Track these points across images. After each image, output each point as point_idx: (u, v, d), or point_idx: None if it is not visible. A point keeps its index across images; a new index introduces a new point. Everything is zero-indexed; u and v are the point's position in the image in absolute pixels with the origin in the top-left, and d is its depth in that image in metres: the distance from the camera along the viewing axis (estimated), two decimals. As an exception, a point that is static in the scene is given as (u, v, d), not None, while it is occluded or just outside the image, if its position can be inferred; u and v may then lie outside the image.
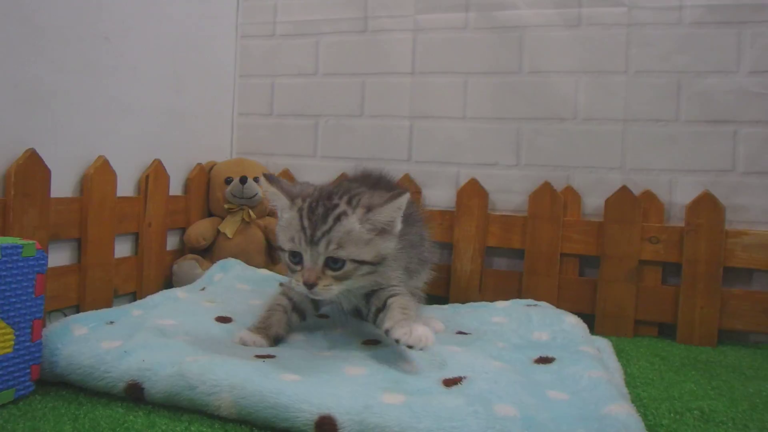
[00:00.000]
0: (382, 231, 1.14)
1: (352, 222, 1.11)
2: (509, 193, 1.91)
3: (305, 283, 1.09)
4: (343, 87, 2.07)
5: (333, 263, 1.10)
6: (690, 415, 1.14)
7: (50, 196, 1.36)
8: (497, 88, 1.92)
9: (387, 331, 1.10)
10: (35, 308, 1.02)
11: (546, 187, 1.83)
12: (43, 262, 1.03)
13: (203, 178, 1.94)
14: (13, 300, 0.98)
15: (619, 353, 1.53)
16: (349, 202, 1.13)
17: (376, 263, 1.14)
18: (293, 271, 1.14)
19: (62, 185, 1.43)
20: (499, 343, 1.31)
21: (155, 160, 1.71)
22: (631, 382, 1.32)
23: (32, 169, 1.32)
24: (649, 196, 1.79)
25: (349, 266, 1.11)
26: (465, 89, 1.96)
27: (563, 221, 1.82)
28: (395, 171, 1.97)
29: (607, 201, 1.79)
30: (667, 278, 1.79)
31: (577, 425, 0.90)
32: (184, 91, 1.87)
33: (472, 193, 1.88)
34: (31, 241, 1.02)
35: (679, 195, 1.79)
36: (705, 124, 1.78)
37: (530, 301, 1.64)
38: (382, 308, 1.19)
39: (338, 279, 1.11)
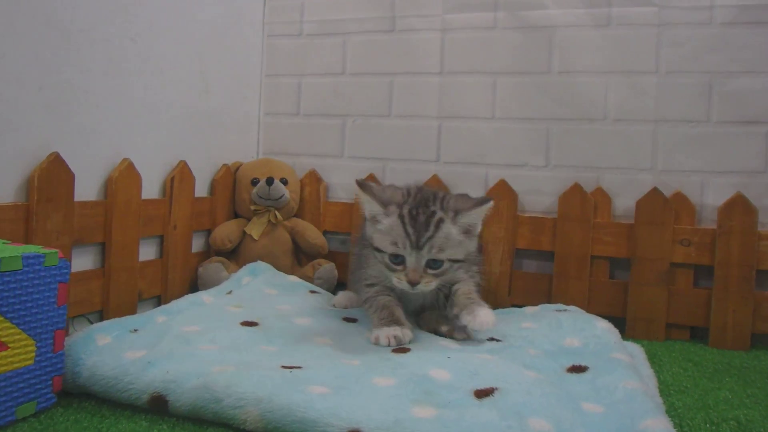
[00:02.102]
0: (467, 231, 1.26)
1: (449, 227, 1.22)
2: (539, 194, 1.82)
3: (410, 282, 1.21)
4: (371, 87, 2.00)
5: (433, 264, 1.22)
6: (726, 426, 1.06)
7: (74, 200, 1.31)
8: (526, 88, 1.84)
9: (456, 317, 1.29)
10: (57, 318, 0.96)
11: (576, 189, 1.74)
12: (65, 271, 0.97)
13: (229, 179, 1.88)
14: (35, 311, 0.92)
15: (651, 358, 1.45)
16: (443, 208, 1.24)
17: (464, 260, 1.29)
18: (393, 270, 1.24)
19: (86, 189, 1.37)
20: (531, 350, 1.24)
21: (181, 161, 1.65)
22: (664, 390, 1.24)
23: (56, 173, 1.26)
24: (680, 198, 1.70)
25: (445, 265, 1.23)
26: (494, 89, 1.87)
27: (593, 223, 1.73)
28: (423, 171, 1.91)
29: (638, 203, 1.70)
30: (699, 281, 1.69)
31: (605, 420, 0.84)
32: (210, 92, 1.81)
33: (502, 194, 1.80)
34: (53, 250, 0.96)
35: (710, 196, 1.70)
36: (736, 124, 1.68)
37: (560, 305, 1.56)
38: (449, 294, 1.34)
39: (436, 276, 1.23)
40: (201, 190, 1.78)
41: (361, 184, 1.26)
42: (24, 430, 0.89)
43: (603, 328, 1.36)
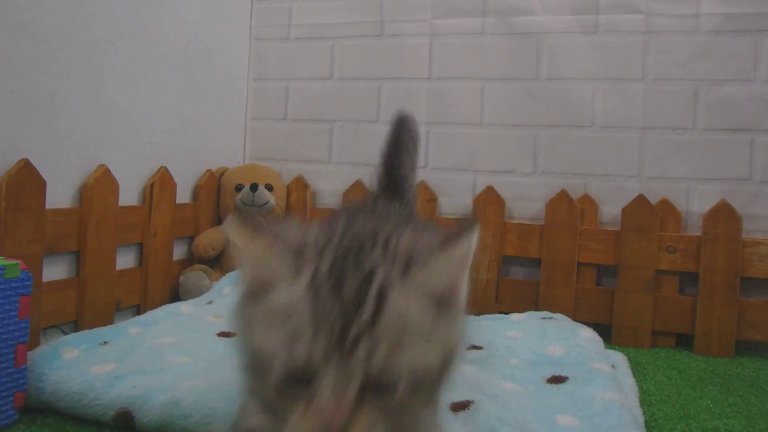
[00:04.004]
0: (441, 302, 0.55)
1: (404, 298, 0.52)
2: (526, 200, 1.77)
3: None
4: (359, 92, 1.94)
5: (378, 386, 0.51)
6: (697, 422, 1.02)
7: (46, 208, 1.24)
8: (515, 95, 1.79)
9: None
10: (19, 332, 0.90)
11: (563, 195, 1.69)
12: (28, 283, 0.91)
13: (213, 184, 1.82)
14: (-4, 323, 0.86)
15: (636, 366, 1.41)
16: (389, 257, 0.55)
17: (441, 375, 0.55)
18: (286, 408, 0.52)
19: (60, 196, 1.31)
20: (512, 360, 1.20)
21: (161, 167, 1.59)
22: (646, 399, 1.20)
23: (26, 180, 1.19)
24: (666, 205, 1.65)
25: (403, 387, 0.51)
26: (482, 95, 1.82)
27: (580, 230, 1.68)
28: (409, 178, 1.85)
29: (624, 210, 1.65)
30: (685, 288, 1.65)
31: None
32: (194, 96, 1.75)
33: (489, 200, 1.75)
34: (15, 262, 0.90)
35: (696, 203, 1.65)
36: (722, 132, 1.64)
37: (546, 313, 1.51)
38: None
39: (383, 413, 0.52)
40: (183, 196, 1.72)
41: (239, 219, 0.56)
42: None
43: (586, 337, 1.31)
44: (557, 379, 1.10)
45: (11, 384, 0.90)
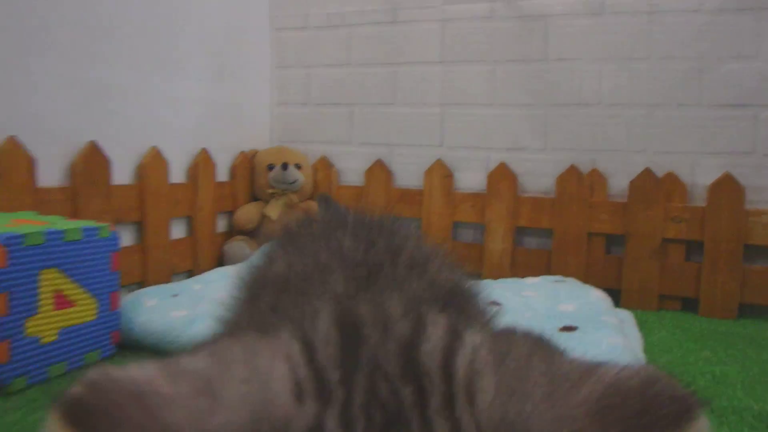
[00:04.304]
0: None
1: None
2: (537, 176, 2.01)
3: None
4: (376, 76, 2.18)
5: None
6: (702, 378, 1.25)
7: (111, 184, 1.51)
8: (524, 75, 2.02)
9: None
10: (112, 282, 1.16)
11: (573, 170, 1.93)
12: (115, 242, 1.17)
13: (247, 165, 2.08)
14: (95, 274, 1.12)
15: (643, 324, 1.63)
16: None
17: None
18: None
19: (122, 174, 1.57)
20: (527, 314, 1.42)
21: (202, 149, 1.85)
22: (650, 349, 1.43)
23: (94, 159, 1.46)
24: (672, 178, 1.88)
25: None
26: (493, 77, 2.06)
27: (590, 202, 1.92)
28: (428, 157, 2.10)
29: (631, 183, 1.88)
30: (691, 255, 1.87)
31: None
32: (225, 83, 2.00)
33: (502, 176, 1.99)
34: (105, 224, 1.16)
35: (701, 176, 1.88)
36: (726, 107, 1.86)
37: (558, 277, 1.75)
38: None
39: None
40: (222, 175, 1.98)
41: (73, 412, 0.28)
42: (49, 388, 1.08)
43: (596, 296, 1.55)
44: (568, 329, 1.32)
45: (109, 324, 1.16)
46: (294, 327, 0.33)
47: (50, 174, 1.38)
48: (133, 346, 1.22)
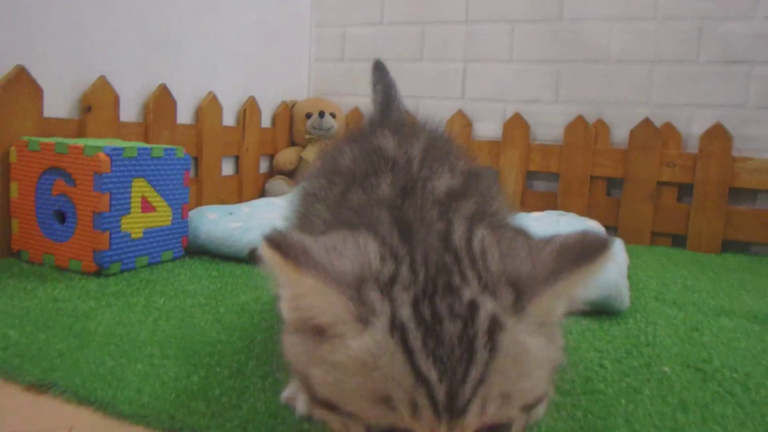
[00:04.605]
0: (545, 323, 0.50)
1: (520, 338, 0.47)
2: (548, 125, 2.22)
3: None
4: (405, 34, 2.40)
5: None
6: (673, 284, 1.48)
7: (176, 123, 1.77)
8: (540, 34, 2.23)
9: None
10: (184, 195, 1.42)
11: (579, 120, 2.14)
12: (188, 161, 1.43)
13: (287, 113, 2.33)
14: (171, 187, 1.38)
15: (634, 254, 1.85)
16: (484, 285, 0.48)
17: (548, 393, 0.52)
18: None
19: (184, 114, 1.83)
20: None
21: (250, 97, 2.10)
22: (634, 268, 1.65)
23: (164, 100, 1.72)
24: (668, 128, 2.08)
25: (518, 424, 0.50)
26: (512, 35, 2.26)
27: (594, 149, 2.13)
28: (450, 108, 2.32)
29: (631, 131, 2.09)
30: (682, 197, 2.08)
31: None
32: (271, 40, 2.24)
33: (516, 125, 2.21)
34: (181, 147, 1.41)
35: (696, 126, 2.07)
36: (722, 64, 2.05)
37: (560, 212, 1.98)
38: None
39: None
40: (266, 122, 2.23)
41: (283, 246, 0.46)
42: (168, 267, 1.35)
43: (591, 224, 1.78)
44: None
45: (180, 230, 1.42)
46: (367, 227, 0.52)
47: (129, 111, 1.64)
48: (198, 250, 1.48)
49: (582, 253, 0.46)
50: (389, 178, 0.60)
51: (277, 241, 0.45)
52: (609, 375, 0.87)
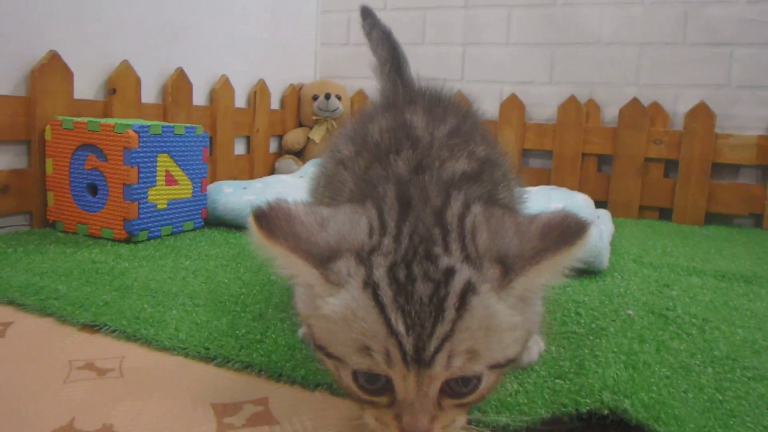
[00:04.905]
0: (526, 299, 0.56)
1: (490, 302, 0.52)
2: (542, 105, 2.34)
3: None
4: (408, 19, 2.51)
5: (459, 385, 0.55)
6: (653, 250, 1.60)
7: (192, 104, 1.88)
8: (536, 18, 2.33)
9: None
10: (203, 170, 1.54)
11: (572, 100, 2.25)
12: (206, 139, 1.55)
13: (295, 96, 2.44)
14: (191, 162, 1.50)
15: (622, 226, 1.96)
16: (466, 256, 0.53)
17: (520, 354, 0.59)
18: (369, 404, 0.57)
19: (199, 96, 1.95)
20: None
21: (260, 80, 2.22)
22: (619, 237, 1.76)
23: (181, 83, 1.83)
24: (656, 107, 2.19)
25: (487, 380, 0.56)
26: (509, 20, 2.37)
27: (585, 127, 2.24)
28: (450, 89, 2.42)
29: (620, 110, 2.20)
30: (668, 173, 2.20)
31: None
32: (279, 26, 2.35)
33: (512, 106, 2.32)
34: (200, 125, 1.53)
35: (681, 105, 2.19)
36: (707, 46, 2.15)
37: (553, 186, 2.09)
38: None
39: (466, 406, 0.57)
40: (274, 104, 2.35)
41: (261, 217, 0.54)
42: (190, 236, 1.48)
43: (581, 198, 1.89)
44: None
45: (199, 202, 1.54)
46: (374, 200, 0.57)
47: (149, 93, 1.76)
48: (216, 221, 1.61)
49: (563, 235, 0.51)
50: (408, 156, 0.65)
51: (259, 211, 0.53)
52: (582, 320, 0.99)
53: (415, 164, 0.64)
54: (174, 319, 0.92)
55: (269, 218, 0.53)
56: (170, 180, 1.44)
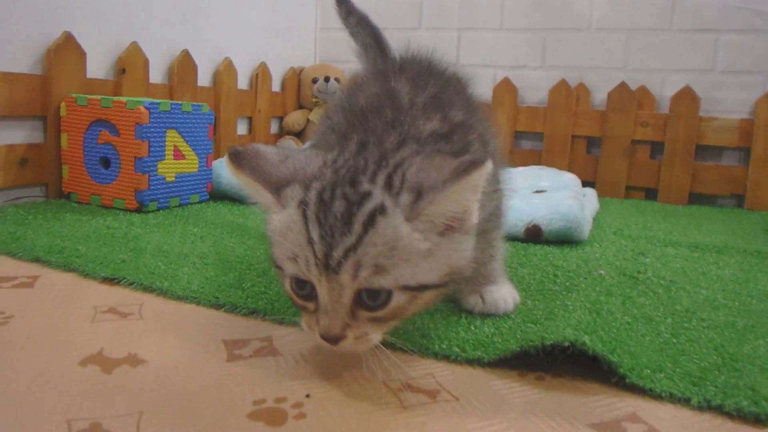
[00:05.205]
0: (447, 227, 0.64)
1: (395, 224, 0.61)
2: (534, 89, 2.42)
3: (324, 337, 0.64)
4: (405, 5, 2.59)
5: (370, 298, 0.63)
6: (634, 226, 1.69)
7: (197, 85, 1.97)
8: (528, 4, 2.41)
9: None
10: (209, 146, 1.63)
11: (562, 84, 2.33)
12: (211, 117, 1.64)
13: (295, 79, 2.52)
14: (198, 138, 1.59)
15: (608, 205, 2.05)
16: (388, 185, 0.63)
17: (444, 284, 0.66)
18: (303, 309, 0.67)
19: (204, 78, 2.03)
20: (513, 187, 1.86)
21: (262, 62, 2.30)
22: (604, 214, 1.85)
23: (186, 64, 1.92)
24: (643, 91, 2.28)
25: (398, 299, 0.63)
26: (502, 6, 2.45)
27: (575, 110, 2.33)
28: (439, 59, 2.50)
29: (609, 94, 2.28)
30: (655, 155, 2.29)
31: (548, 211, 1.45)
32: (279, 10, 2.43)
33: (505, 89, 2.40)
34: (206, 104, 1.62)
35: (668, 89, 2.27)
36: (692, 32, 2.24)
37: (542, 166, 2.18)
38: None
39: (378, 321, 0.65)
40: (275, 86, 2.43)
41: (235, 156, 0.66)
42: (196, 207, 1.57)
43: (568, 176, 1.97)
44: (539, 191, 1.76)
45: (205, 177, 1.63)
46: (339, 149, 0.69)
47: (156, 73, 1.84)
48: (220, 195, 1.70)
49: (459, 167, 0.60)
50: (385, 117, 0.73)
51: (234, 151, 0.66)
52: (558, 280, 1.08)
53: (389, 122, 0.73)
54: (186, 274, 1.01)
55: (240, 155, 0.65)
56: (178, 155, 1.53)
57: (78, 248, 1.12)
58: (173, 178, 1.52)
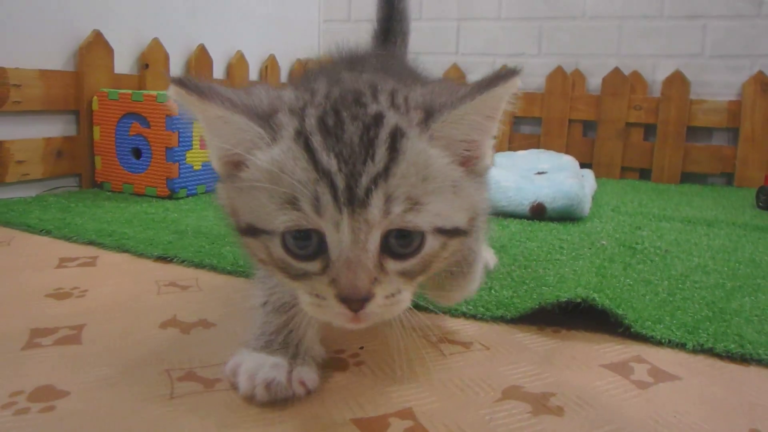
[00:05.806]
0: (467, 161, 0.56)
1: (423, 147, 0.51)
2: (532, 75, 2.52)
3: (348, 298, 0.50)
4: (404, -3, 2.68)
5: (400, 244, 0.51)
6: (630, 203, 1.80)
7: (213, 78, 2.06)
8: (524, -5, 2.52)
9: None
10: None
11: (559, 70, 2.44)
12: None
13: (301, 70, 2.62)
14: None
15: (604, 185, 2.16)
16: (395, 106, 0.53)
17: (468, 232, 0.56)
18: (301, 277, 0.53)
19: (218, 70, 2.13)
20: (514, 169, 1.97)
21: (271, 55, 2.39)
22: (601, 193, 1.96)
23: (202, 59, 2.01)
24: (636, 75, 2.39)
25: (431, 244, 0.53)
26: (500, -4, 2.56)
27: (571, 95, 2.44)
28: (445, 62, 2.61)
29: (603, 79, 2.39)
30: (648, 136, 2.40)
31: (551, 190, 1.56)
32: (286, 3, 2.53)
33: (503, 76, 2.50)
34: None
35: (659, 74, 2.38)
36: (682, 18, 2.34)
37: (541, 150, 2.28)
38: None
39: (408, 277, 0.54)
40: (283, 78, 2.53)
41: (186, 83, 0.52)
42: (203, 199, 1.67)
43: (567, 158, 2.08)
44: (540, 173, 1.87)
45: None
46: (306, 85, 0.57)
47: (175, 67, 1.94)
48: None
49: (486, 81, 0.52)
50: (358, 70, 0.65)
51: (179, 79, 0.51)
52: (564, 251, 1.20)
53: (359, 66, 0.70)
54: (229, 253, 1.12)
55: (195, 84, 0.51)
56: (204, 144, 1.63)
57: (125, 231, 1.22)
58: (200, 167, 1.62)
